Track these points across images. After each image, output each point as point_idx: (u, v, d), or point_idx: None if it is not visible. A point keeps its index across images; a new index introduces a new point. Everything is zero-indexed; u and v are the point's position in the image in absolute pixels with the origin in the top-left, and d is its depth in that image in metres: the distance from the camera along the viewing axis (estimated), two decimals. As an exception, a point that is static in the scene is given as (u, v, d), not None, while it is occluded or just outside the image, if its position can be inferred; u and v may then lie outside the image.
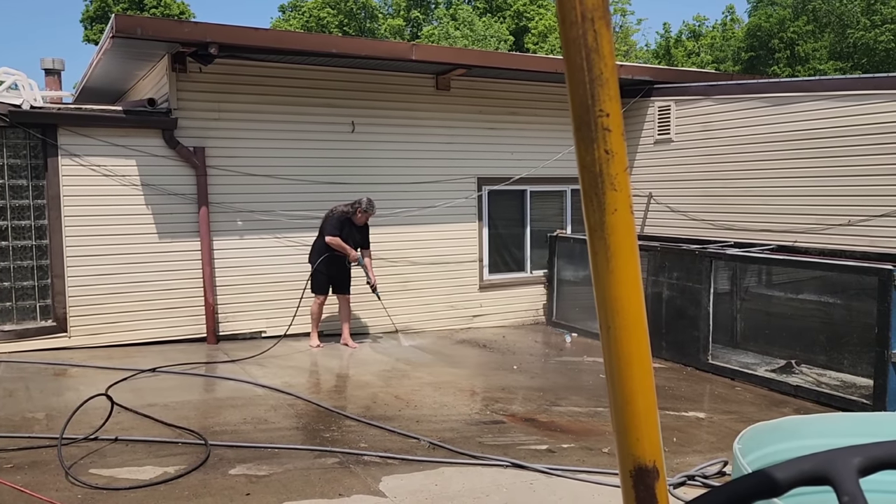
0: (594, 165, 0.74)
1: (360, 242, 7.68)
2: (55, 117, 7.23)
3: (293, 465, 4.38)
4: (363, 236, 7.72)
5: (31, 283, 7.27)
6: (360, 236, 7.66)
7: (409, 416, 5.46)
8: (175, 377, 6.44)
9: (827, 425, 2.76)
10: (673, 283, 7.65)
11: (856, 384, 6.11)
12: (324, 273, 7.60)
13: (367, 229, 7.76)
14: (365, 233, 7.74)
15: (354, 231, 7.61)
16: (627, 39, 37.09)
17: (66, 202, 7.27)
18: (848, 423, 2.78)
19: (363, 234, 7.71)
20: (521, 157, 9.60)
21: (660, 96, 9.60)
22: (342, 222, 7.53)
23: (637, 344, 0.75)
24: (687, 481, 4.22)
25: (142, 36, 6.73)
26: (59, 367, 6.68)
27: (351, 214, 7.54)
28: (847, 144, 7.46)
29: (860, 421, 2.85)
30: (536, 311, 9.92)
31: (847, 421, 2.87)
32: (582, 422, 5.53)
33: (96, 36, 30.51)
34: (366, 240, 7.75)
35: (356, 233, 7.62)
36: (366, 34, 35.28)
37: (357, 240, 7.64)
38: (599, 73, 0.73)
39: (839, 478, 0.58)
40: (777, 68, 31.36)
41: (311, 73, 8.28)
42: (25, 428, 4.90)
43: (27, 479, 4.01)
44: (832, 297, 6.45)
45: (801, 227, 7.91)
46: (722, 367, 7.08)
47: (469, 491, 4.07)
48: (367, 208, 7.52)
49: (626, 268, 0.74)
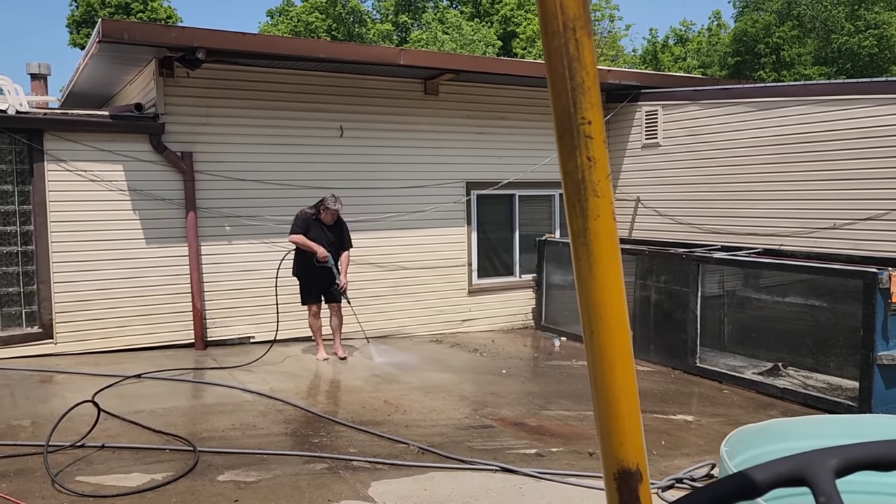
0: (577, 172, 0.75)
1: (335, 242, 7.26)
2: (41, 122, 7.19)
3: (282, 470, 4.37)
4: (338, 235, 7.29)
5: (17, 290, 7.21)
6: (333, 236, 7.25)
7: (399, 421, 5.46)
8: (163, 383, 6.41)
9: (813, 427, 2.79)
10: (661, 286, 7.69)
11: (842, 386, 6.16)
12: (305, 282, 7.34)
13: (342, 228, 7.32)
14: (339, 232, 7.30)
15: (325, 230, 7.20)
16: (615, 45, 37.27)
17: (52, 207, 7.23)
18: (834, 426, 2.81)
19: (337, 233, 7.28)
20: (510, 162, 9.63)
21: (647, 101, 9.66)
22: (308, 222, 7.15)
23: (620, 348, 0.76)
24: (675, 484, 4.24)
25: (128, 41, 6.71)
26: (45, 373, 6.63)
27: (316, 214, 7.18)
28: (832, 149, 7.53)
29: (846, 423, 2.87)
30: (525, 316, 9.94)
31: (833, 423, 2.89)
32: (571, 425, 5.54)
33: (83, 40, 30.34)
34: (341, 239, 7.32)
35: (328, 232, 7.21)
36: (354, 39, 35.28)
37: (330, 239, 7.22)
38: (581, 82, 0.74)
39: (816, 479, 0.60)
40: (763, 73, 31.61)
41: (299, 77, 8.28)
42: (11, 435, 4.85)
43: (13, 487, 3.97)
44: (818, 300, 6.51)
45: (788, 231, 7.98)
46: (709, 370, 7.12)
47: (458, 495, 4.07)
48: (329, 204, 7.08)
49: (608, 273, 0.75)
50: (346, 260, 7.35)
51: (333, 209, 7.12)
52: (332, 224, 7.25)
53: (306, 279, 7.33)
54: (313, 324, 7.49)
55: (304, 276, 7.31)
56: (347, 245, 7.37)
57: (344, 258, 7.33)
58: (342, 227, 7.35)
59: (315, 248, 7.09)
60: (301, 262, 7.29)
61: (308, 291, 7.38)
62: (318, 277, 7.27)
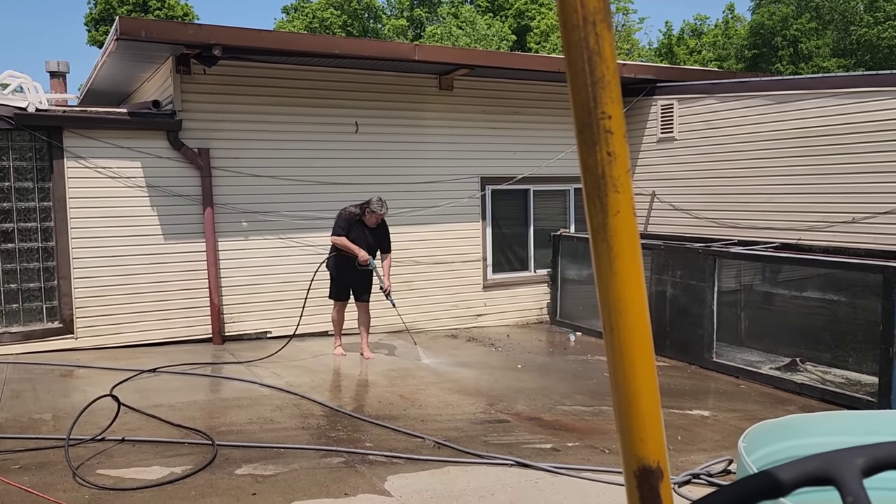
0: (596, 168, 0.74)
1: (375, 245, 7.13)
2: (60, 120, 7.26)
3: (299, 464, 4.39)
4: (378, 239, 7.15)
5: (38, 285, 7.30)
6: (373, 238, 7.11)
7: (414, 416, 5.47)
8: (181, 377, 6.46)
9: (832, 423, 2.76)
10: (677, 281, 7.65)
11: (861, 382, 6.10)
12: (337, 278, 7.22)
13: (383, 231, 7.19)
14: (380, 235, 7.17)
15: (367, 233, 7.07)
16: (630, 38, 37.03)
17: (71, 204, 7.30)
18: (853, 421, 2.79)
19: (378, 236, 7.15)
20: (524, 157, 9.61)
21: (663, 95, 9.59)
22: (350, 223, 7.03)
23: (640, 345, 0.76)
24: (692, 480, 4.22)
25: (146, 38, 6.76)
26: (65, 368, 6.70)
27: (360, 215, 7.04)
28: (851, 142, 7.45)
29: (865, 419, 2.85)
30: (540, 311, 9.92)
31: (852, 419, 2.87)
32: (587, 420, 5.53)
33: (101, 38, 30.57)
34: (383, 242, 7.19)
35: (369, 234, 7.08)
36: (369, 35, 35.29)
37: (370, 242, 7.08)
38: (601, 76, 0.73)
39: (843, 478, 0.59)
40: (780, 66, 31.28)
41: (314, 73, 8.30)
42: (33, 429, 4.92)
43: (35, 480, 4.03)
44: (837, 295, 6.44)
45: (806, 225, 7.90)
46: (726, 366, 7.08)
47: (474, 490, 4.07)
48: (375, 208, 6.94)
49: (629, 269, 0.75)
50: (388, 263, 7.25)
51: (379, 213, 7.00)
52: (375, 227, 7.12)
53: (339, 275, 7.22)
54: (336, 318, 7.44)
55: (338, 271, 7.22)
56: (387, 249, 7.24)
57: (386, 262, 7.23)
58: (384, 231, 7.22)
59: (356, 252, 6.98)
60: (338, 259, 7.16)
61: (339, 286, 7.28)
62: (353, 275, 7.17)
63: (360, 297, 7.35)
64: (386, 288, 7.16)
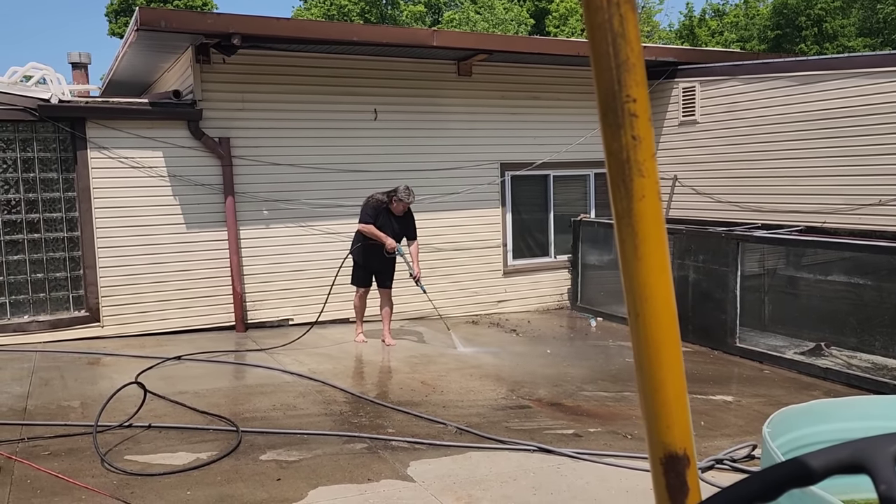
0: (621, 152, 0.73)
1: (401, 233, 7.15)
2: (83, 111, 7.33)
3: (322, 450, 4.43)
4: (404, 226, 7.17)
5: (64, 275, 7.41)
6: (399, 226, 7.12)
7: (436, 402, 5.49)
8: (205, 365, 6.54)
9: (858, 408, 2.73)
10: (699, 266, 7.58)
11: (887, 366, 6.02)
12: (361, 265, 7.24)
13: (409, 219, 7.21)
14: (407, 223, 7.19)
15: (393, 220, 7.09)
16: (650, 20, 36.55)
17: (95, 194, 7.38)
18: (880, 407, 2.75)
19: (404, 224, 7.17)
20: (544, 142, 9.55)
21: (684, 77, 9.47)
22: (378, 210, 7.04)
23: (666, 331, 0.75)
24: (715, 465, 4.20)
25: (165, 28, 6.79)
26: (92, 356, 6.81)
27: (387, 203, 7.06)
28: (877, 122, 7.31)
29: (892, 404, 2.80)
30: (561, 296, 9.89)
31: (879, 404, 2.83)
32: (608, 406, 5.52)
33: (121, 29, 30.74)
34: (409, 230, 7.21)
35: (395, 222, 7.10)
36: (387, 21, 35.17)
37: (396, 230, 7.09)
38: (626, 59, 0.72)
39: (876, 466, 0.58)
40: (804, 46, 30.70)
41: (333, 61, 8.29)
42: (61, 416, 5.01)
43: (64, 466, 4.10)
44: (862, 279, 6.35)
45: (830, 208, 7.78)
46: (749, 351, 7.02)
47: (496, 475, 4.09)
48: (402, 196, 6.96)
49: (654, 255, 0.74)
50: (415, 250, 7.26)
51: (406, 202, 7.02)
52: (401, 215, 7.14)
53: (364, 261, 7.23)
54: (358, 305, 7.46)
55: (362, 258, 7.22)
56: (413, 236, 7.26)
57: (414, 248, 7.24)
58: (410, 219, 7.24)
59: (384, 240, 6.99)
60: (365, 247, 7.16)
61: (363, 273, 7.29)
62: (377, 262, 7.19)
63: (384, 283, 7.37)
64: (416, 274, 7.17)
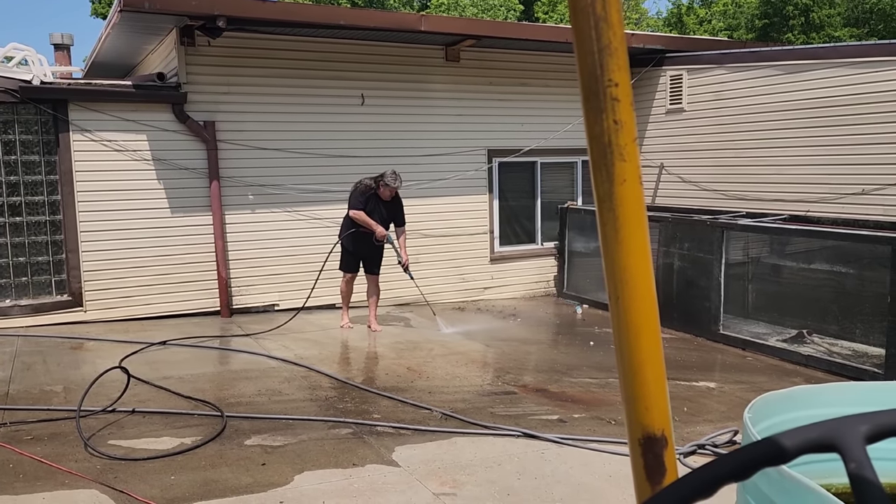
0: (603, 136, 0.74)
1: (389, 218, 7.12)
2: (65, 93, 7.23)
3: (307, 435, 4.44)
4: (392, 212, 7.13)
5: (46, 259, 7.34)
6: (387, 212, 7.08)
7: (422, 388, 5.51)
8: (190, 350, 6.52)
9: (838, 394, 2.76)
10: (684, 253, 7.63)
11: (867, 353, 6.10)
12: (350, 250, 7.20)
13: (397, 205, 7.16)
14: (394, 209, 7.15)
15: (381, 206, 7.04)
16: (638, 7, 36.51)
17: (78, 177, 7.31)
18: (859, 393, 2.79)
19: (391, 210, 7.12)
20: (532, 129, 9.54)
21: (672, 65, 9.48)
22: (366, 196, 6.97)
23: (646, 314, 0.76)
24: (697, 450, 4.25)
25: (149, 9, 6.70)
26: (75, 340, 6.77)
27: (375, 188, 6.98)
28: (862, 112, 7.36)
29: (871, 390, 2.85)
30: (547, 283, 9.93)
31: (859, 390, 2.87)
32: (593, 392, 5.56)
33: (104, 10, 30.30)
34: (397, 216, 7.17)
35: (383, 208, 7.05)
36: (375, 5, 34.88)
37: (384, 215, 7.06)
38: (608, 43, 0.72)
39: (846, 445, 0.59)
40: (791, 35, 30.81)
41: (319, 45, 8.23)
42: (44, 400, 4.98)
43: (47, 451, 4.09)
44: (845, 267, 6.42)
45: (814, 197, 7.84)
46: (733, 338, 7.08)
47: (481, 460, 4.11)
48: (389, 181, 6.90)
49: (634, 238, 0.75)
50: (404, 237, 7.25)
51: (393, 187, 6.96)
52: (389, 200, 7.09)
53: (352, 247, 7.20)
54: (345, 290, 7.44)
55: (351, 244, 7.19)
56: (401, 223, 7.23)
57: (402, 236, 7.22)
58: (398, 205, 7.19)
59: (375, 228, 6.97)
60: (348, 230, 7.13)
61: (351, 258, 7.26)
62: (365, 248, 7.16)
63: (371, 270, 7.36)
64: (404, 262, 7.17)
